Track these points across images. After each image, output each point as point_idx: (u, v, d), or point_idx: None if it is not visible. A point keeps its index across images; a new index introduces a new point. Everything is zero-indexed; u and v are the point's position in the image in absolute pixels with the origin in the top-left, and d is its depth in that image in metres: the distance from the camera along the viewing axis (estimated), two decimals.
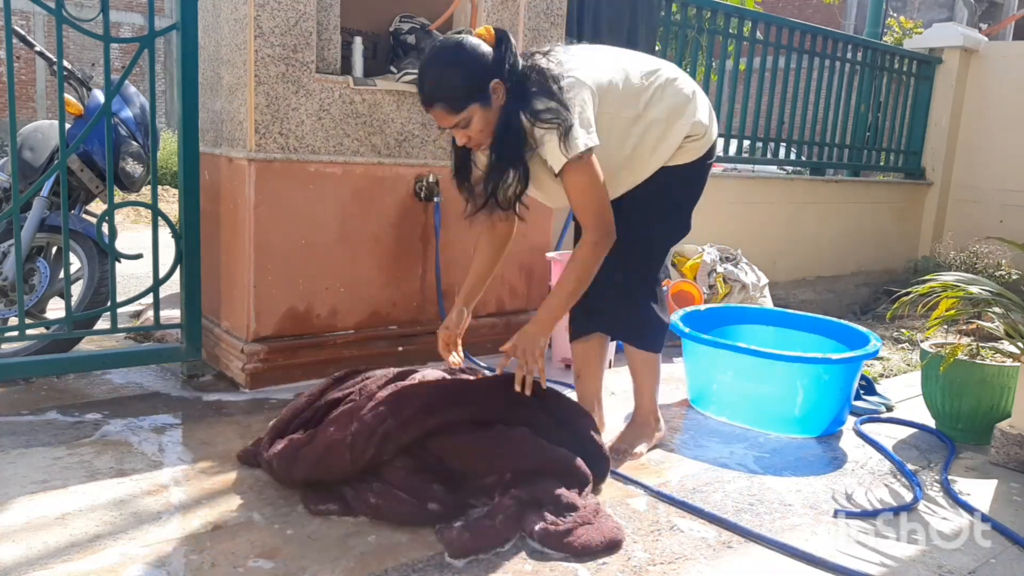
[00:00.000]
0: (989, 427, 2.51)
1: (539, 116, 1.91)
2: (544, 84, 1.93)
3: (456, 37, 1.94)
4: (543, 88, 1.93)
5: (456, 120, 1.91)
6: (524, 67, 1.96)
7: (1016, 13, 11.04)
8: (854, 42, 5.72)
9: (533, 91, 1.92)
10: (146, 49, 2.56)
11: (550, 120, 1.90)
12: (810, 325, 3.06)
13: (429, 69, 1.92)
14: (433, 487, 1.86)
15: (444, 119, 1.93)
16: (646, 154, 2.13)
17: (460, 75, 1.89)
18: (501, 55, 1.92)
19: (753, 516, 2.00)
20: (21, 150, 2.86)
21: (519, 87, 1.93)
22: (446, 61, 1.91)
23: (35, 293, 2.83)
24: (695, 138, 2.16)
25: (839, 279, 5.73)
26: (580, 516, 1.80)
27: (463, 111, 1.90)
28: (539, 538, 1.75)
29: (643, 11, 4.13)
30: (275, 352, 2.71)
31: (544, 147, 1.94)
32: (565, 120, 1.90)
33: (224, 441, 2.26)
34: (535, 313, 2.13)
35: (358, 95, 2.78)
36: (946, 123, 6.14)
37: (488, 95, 1.91)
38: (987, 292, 2.57)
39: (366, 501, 1.85)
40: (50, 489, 1.92)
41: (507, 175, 1.97)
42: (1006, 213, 5.96)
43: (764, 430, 2.61)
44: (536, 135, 1.94)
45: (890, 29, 8.22)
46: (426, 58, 1.95)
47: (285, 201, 2.67)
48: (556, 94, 1.92)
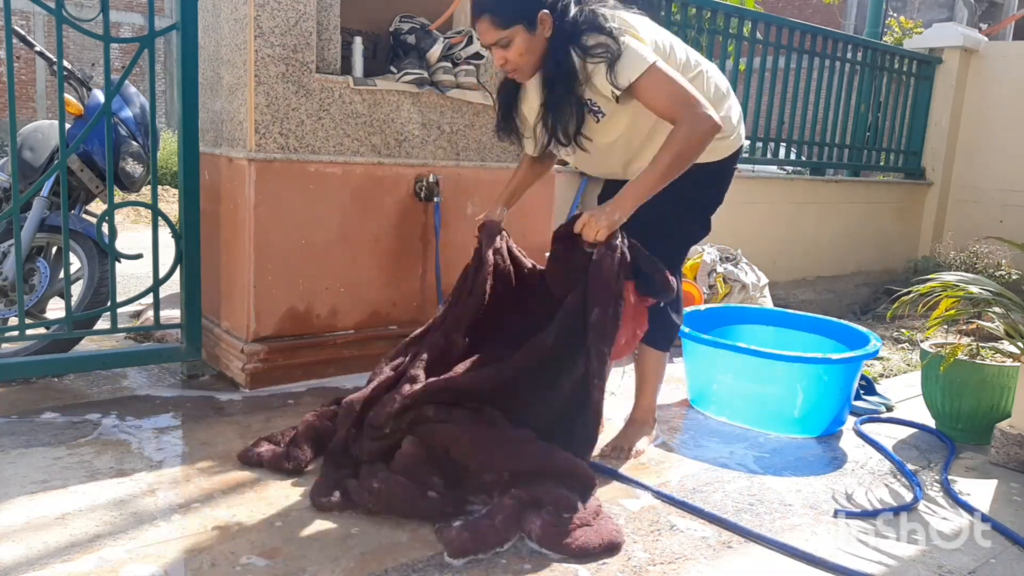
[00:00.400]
0: (989, 427, 2.51)
1: (589, 51, 1.96)
2: (595, 22, 1.97)
3: None
4: (593, 25, 1.97)
5: (499, 36, 1.98)
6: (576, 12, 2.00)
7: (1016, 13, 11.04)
8: (854, 42, 5.72)
9: (583, 28, 1.97)
10: (146, 49, 2.56)
11: (600, 54, 1.94)
12: (810, 325, 3.05)
13: None
14: (434, 479, 1.88)
15: (488, 33, 1.99)
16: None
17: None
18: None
19: (753, 516, 2.00)
20: (21, 150, 2.86)
21: (570, 26, 1.98)
22: None
23: (35, 293, 2.83)
24: (722, 136, 2.16)
25: (839, 279, 5.74)
26: (579, 517, 1.80)
27: (508, 28, 1.96)
28: (537, 539, 1.76)
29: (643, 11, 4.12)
30: (275, 352, 2.71)
31: (598, 78, 1.98)
32: (615, 51, 1.94)
33: (224, 441, 2.26)
34: None
35: (358, 95, 2.78)
36: (946, 123, 6.14)
37: (535, 22, 1.97)
38: (987, 292, 2.57)
39: (368, 488, 1.86)
40: (50, 489, 1.92)
41: (563, 111, 2.03)
42: (1006, 213, 5.96)
43: (764, 430, 2.61)
44: (588, 69, 1.98)
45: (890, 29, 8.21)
46: None
47: (285, 201, 2.67)
48: (607, 29, 1.96)
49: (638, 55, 1.95)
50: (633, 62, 1.94)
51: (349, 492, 1.89)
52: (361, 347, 2.89)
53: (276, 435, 2.19)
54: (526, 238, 3.27)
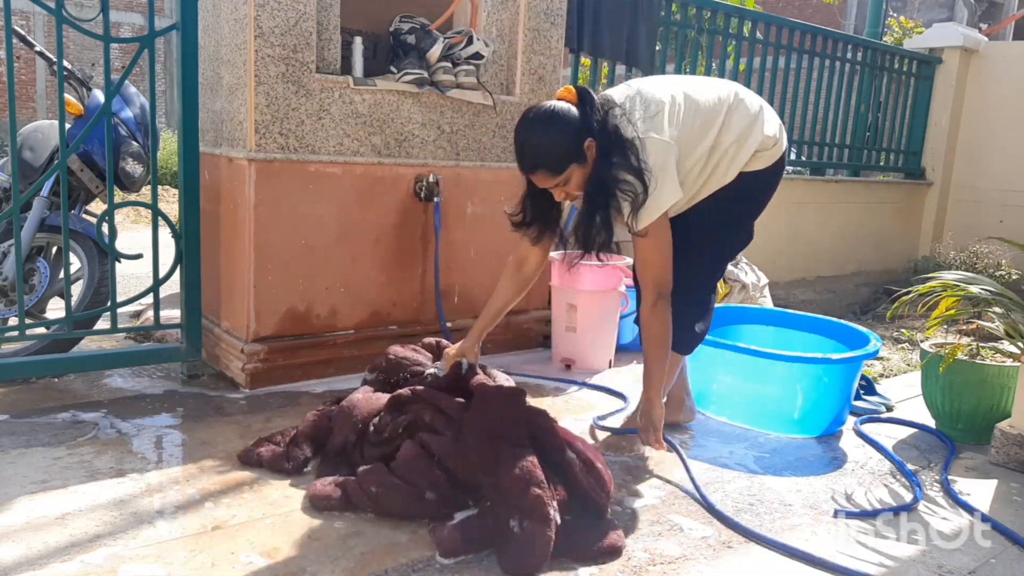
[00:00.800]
0: (989, 427, 2.51)
1: (619, 187, 2.04)
2: (624, 154, 2.04)
3: (547, 105, 2.05)
4: (624, 160, 2.04)
5: (558, 181, 2.05)
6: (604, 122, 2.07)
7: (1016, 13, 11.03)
8: (854, 42, 5.72)
9: (615, 161, 2.04)
10: (146, 49, 2.56)
11: (627, 191, 2.04)
12: (810, 325, 3.05)
13: (528, 138, 2.04)
14: (432, 481, 1.87)
15: (545, 181, 2.06)
16: (719, 175, 2.23)
17: (558, 141, 2.01)
18: (587, 113, 2.05)
19: (753, 516, 2.00)
20: (21, 150, 2.86)
21: (606, 142, 2.05)
22: (543, 130, 2.03)
23: (35, 293, 2.83)
24: (762, 148, 2.25)
25: (839, 279, 5.73)
26: (578, 520, 1.79)
27: (564, 172, 2.03)
28: None
29: (643, 11, 4.13)
30: (275, 352, 2.71)
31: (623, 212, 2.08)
32: (639, 195, 2.03)
33: (224, 441, 2.26)
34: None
35: (358, 95, 2.78)
36: (946, 123, 6.14)
37: (584, 154, 2.03)
38: (987, 292, 2.57)
39: (367, 492, 1.86)
40: (50, 489, 1.92)
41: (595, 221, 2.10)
42: (1006, 213, 5.96)
43: (764, 430, 2.61)
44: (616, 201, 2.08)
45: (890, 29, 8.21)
46: (522, 128, 2.06)
47: (285, 201, 2.67)
48: (634, 167, 2.03)
49: (657, 206, 2.06)
50: (651, 213, 2.06)
51: (349, 493, 1.89)
52: (361, 347, 2.89)
53: (276, 435, 2.19)
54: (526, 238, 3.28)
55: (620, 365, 3.29)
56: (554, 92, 3.30)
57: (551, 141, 2.01)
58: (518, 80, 3.21)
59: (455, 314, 3.12)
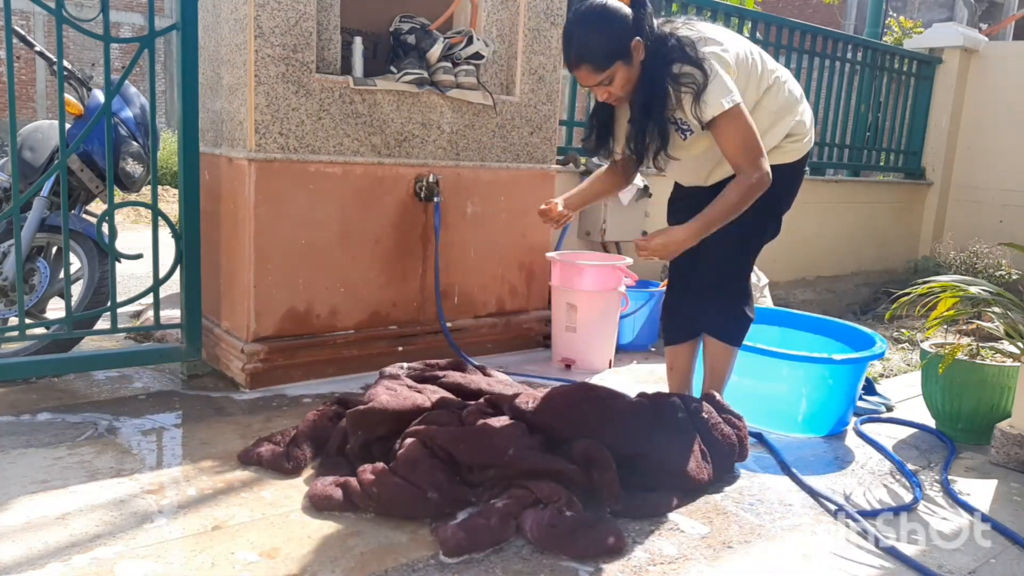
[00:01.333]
0: (989, 427, 2.51)
1: (678, 79, 2.01)
2: (682, 49, 2.02)
3: (599, 1, 2.03)
4: (681, 53, 2.02)
5: (601, 78, 2.04)
6: (661, 31, 2.05)
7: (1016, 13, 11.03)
8: (854, 42, 5.72)
9: (673, 57, 2.01)
10: (146, 49, 2.56)
11: (688, 83, 2.01)
12: (814, 326, 3.05)
13: (576, 31, 2.03)
14: (435, 479, 1.88)
15: (589, 78, 2.05)
16: None
17: (605, 36, 2.01)
18: (640, 15, 2.03)
19: (753, 516, 2.00)
20: (21, 150, 2.85)
21: (658, 47, 2.03)
22: (591, 23, 2.02)
23: (35, 293, 2.83)
24: (796, 138, 2.25)
25: (839, 279, 5.73)
26: (579, 519, 1.80)
27: (608, 69, 2.02)
28: (535, 538, 1.75)
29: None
30: (275, 352, 2.71)
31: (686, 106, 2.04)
32: (702, 83, 2.00)
33: (224, 441, 2.26)
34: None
35: (358, 95, 2.78)
36: (946, 123, 6.14)
37: (630, 53, 2.02)
38: (987, 292, 2.57)
39: (368, 492, 1.86)
40: (50, 489, 1.92)
41: (651, 132, 2.08)
42: (1006, 213, 5.95)
43: (769, 429, 2.61)
44: (676, 97, 2.04)
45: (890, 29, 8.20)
46: (571, 21, 2.05)
47: (285, 201, 2.67)
48: (693, 58, 2.01)
49: (722, 90, 2.02)
50: (717, 99, 2.01)
51: (349, 493, 1.89)
52: (361, 347, 2.90)
53: (276, 435, 2.19)
54: (526, 238, 3.28)
55: (620, 365, 3.29)
56: (554, 92, 3.31)
57: (598, 36, 2.00)
58: (518, 80, 3.21)
59: (455, 314, 3.12)
